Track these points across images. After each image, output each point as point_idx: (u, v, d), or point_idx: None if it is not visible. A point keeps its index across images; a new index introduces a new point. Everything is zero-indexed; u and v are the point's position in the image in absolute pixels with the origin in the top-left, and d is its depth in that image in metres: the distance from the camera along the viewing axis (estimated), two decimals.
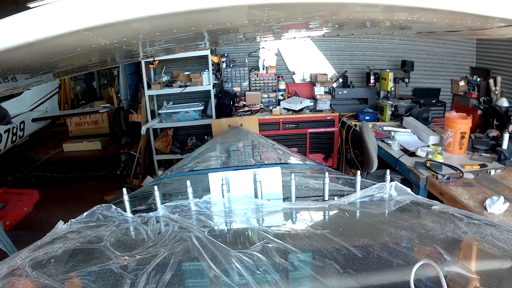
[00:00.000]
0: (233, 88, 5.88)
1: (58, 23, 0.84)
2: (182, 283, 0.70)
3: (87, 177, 6.67)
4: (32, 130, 7.08)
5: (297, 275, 0.73)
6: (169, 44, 1.99)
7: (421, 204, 1.05)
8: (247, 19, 1.31)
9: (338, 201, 1.08)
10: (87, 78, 11.71)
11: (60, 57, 1.35)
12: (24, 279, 0.71)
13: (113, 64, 5.60)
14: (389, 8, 1.19)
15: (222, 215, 1.04)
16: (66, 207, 4.94)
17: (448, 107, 5.77)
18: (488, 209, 2.50)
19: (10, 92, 4.54)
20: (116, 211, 1.03)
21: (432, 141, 3.99)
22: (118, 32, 1.11)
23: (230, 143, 3.12)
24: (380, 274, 0.72)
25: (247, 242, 0.83)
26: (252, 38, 2.66)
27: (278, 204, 1.06)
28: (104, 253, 0.82)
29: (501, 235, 0.82)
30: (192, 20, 1.14)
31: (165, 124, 5.79)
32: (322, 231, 0.89)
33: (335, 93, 5.87)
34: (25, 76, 1.82)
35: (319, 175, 1.58)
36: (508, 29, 1.47)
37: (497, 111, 4.49)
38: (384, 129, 4.68)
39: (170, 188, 1.77)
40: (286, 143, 4.85)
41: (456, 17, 1.33)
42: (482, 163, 3.34)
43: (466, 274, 0.70)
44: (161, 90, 5.67)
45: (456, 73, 5.88)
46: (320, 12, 1.33)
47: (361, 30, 2.54)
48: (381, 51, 6.02)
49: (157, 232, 0.91)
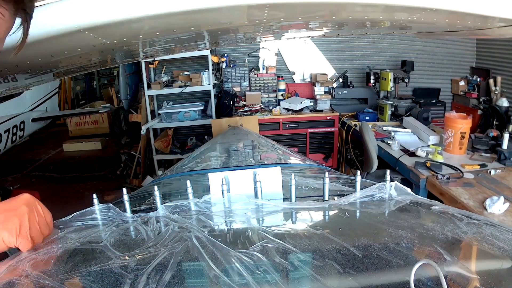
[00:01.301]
0: (233, 88, 5.88)
1: (58, 23, 0.84)
2: (182, 283, 0.70)
3: (87, 177, 6.67)
4: (32, 130, 7.07)
5: (297, 275, 0.73)
6: (169, 44, 2.00)
7: (421, 204, 1.05)
8: (247, 19, 1.31)
9: (338, 201, 1.08)
10: (87, 78, 11.71)
11: (60, 57, 1.35)
12: (24, 279, 0.71)
13: (113, 64, 5.60)
14: (389, 8, 1.19)
15: (222, 215, 1.04)
16: (66, 207, 4.92)
17: (448, 107, 5.77)
18: (488, 209, 2.50)
19: (10, 92, 4.54)
20: (115, 211, 1.03)
21: (432, 141, 3.99)
22: (118, 32, 1.11)
23: (230, 143, 3.12)
24: (380, 274, 0.72)
25: (247, 242, 0.83)
26: (252, 38, 2.66)
27: (278, 204, 1.06)
28: (104, 253, 0.82)
29: (501, 235, 0.82)
30: (192, 20, 1.14)
31: (165, 124, 5.79)
32: (322, 231, 0.89)
33: (335, 93, 5.87)
34: (25, 76, 1.82)
35: (319, 175, 1.58)
36: (508, 29, 1.48)
37: (497, 111, 4.49)
38: (384, 129, 4.68)
39: (170, 188, 1.77)
40: (286, 143, 4.85)
41: (456, 17, 1.33)
42: (482, 163, 3.34)
43: (466, 274, 0.70)
44: (161, 90, 5.67)
45: (456, 73, 5.88)
46: (320, 12, 1.33)
47: (361, 30, 2.54)
48: (381, 51, 6.01)
49: (157, 232, 0.91)
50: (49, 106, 7.48)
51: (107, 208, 1.03)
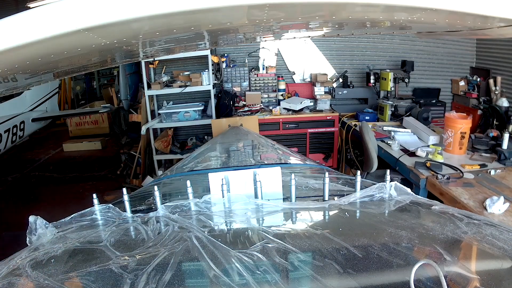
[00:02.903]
0: (233, 88, 5.88)
1: (58, 23, 0.84)
2: (182, 283, 0.70)
3: (87, 177, 6.67)
4: (32, 130, 7.08)
5: (297, 275, 0.73)
6: (169, 44, 2.00)
7: (421, 204, 1.05)
8: (247, 19, 1.31)
9: (338, 201, 1.08)
10: (87, 78, 11.70)
11: (60, 57, 1.35)
12: (24, 279, 0.71)
13: (113, 64, 5.60)
14: (389, 8, 1.19)
15: (222, 215, 1.04)
16: (66, 207, 4.93)
17: (448, 107, 5.77)
18: (488, 209, 2.50)
19: (10, 92, 4.54)
20: (115, 211, 1.03)
21: (432, 141, 3.98)
22: (118, 32, 1.11)
23: (230, 143, 3.12)
24: (380, 274, 0.72)
25: (247, 242, 0.83)
26: (252, 38, 2.66)
27: (278, 204, 1.06)
28: (104, 253, 0.82)
29: (501, 235, 0.82)
30: (192, 20, 1.14)
31: (165, 124, 5.79)
32: (322, 231, 0.89)
33: (335, 93, 5.87)
34: (25, 76, 1.82)
35: (319, 175, 1.58)
36: (508, 29, 1.47)
37: (497, 111, 4.49)
38: (384, 129, 4.68)
39: (170, 188, 1.77)
40: (286, 143, 4.85)
41: (456, 17, 1.33)
42: (482, 163, 3.34)
43: (466, 274, 0.70)
44: (161, 90, 5.67)
45: (456, 73, 5.88)
46: (320, 12, 1.33)
47: (361, 30, 2.54)
48: (381, 51, 6.02)
49: (157, 232, 0.91)
50: (49, 106, 7.49)
51: (106, 208, 1.03)
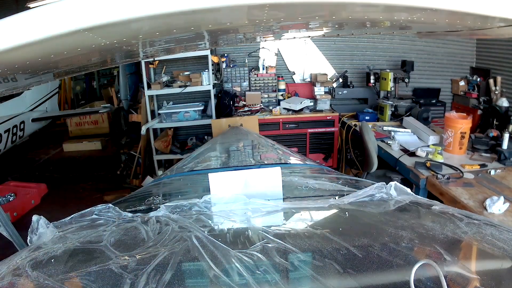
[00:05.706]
0: (233, 88, 5.88)
1: (58, 23, 0.84)
2: (182, 283, 0.70)
3: (87, 177, 6.67)
4: (32, 130, 7.08)
5: (297, 275, 0.73)
6: (169, 44, 1.99)
7: (421, 204, 1.05)
8: (247, 19, 1.31)
9: (338, 201, 1.08)
10: (87, 78, 11.69)
11: (60, 57, 1.35)
12: (24, 279, 0.71)
13: (113, 64, 5.60)
14: (389, 8, 1.19)
15: (222, 215, 1.04)
16: (66, 207, 4.93)
17: (448, 107, 5.77)
18: (488, 209, 2.50)
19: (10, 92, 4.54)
20: (115, 211, 1.03)
21: (432, 141, 3.98)
22: (118, 32, 1.11)
23: (230, 143, 3.12)
24: (380, 274, 0.72)
25: (247, 242, 0.83)
26: (252, 38, 2.66)
27: (278, 204, 1.06)
28: (104, 253, 0.82)
29: (501, 235, 0.82)
30: (192, 20, 1.14)
31: (165, 124, 5.79)
32: (322, 231, 0.89)
33: (335, 93, 5.87)
34: (25, 76, 1.81)
35: (319, 175, 1.58)
36: (508, 29, 1.47)
37: (497, 111, 4.49)
38: (384, 129, 4.68)
39: (170, 188, 1.77)
40: (286, 143, 4.85)
41: (456, 17, 1.33)
42: (482, 163, 3.34)
43: (466, 274, 0.70)
44: (161, 90, 5.67)
45: (456, 73, 5.88)
46: (320, 12, 1.33)
47: (361, 30, 2.53)
48: (381, 51, 6.01)
49: (157, 232, 0.91)
50: (49, 106, 7.49)
51: (106, 208, 1.03)
